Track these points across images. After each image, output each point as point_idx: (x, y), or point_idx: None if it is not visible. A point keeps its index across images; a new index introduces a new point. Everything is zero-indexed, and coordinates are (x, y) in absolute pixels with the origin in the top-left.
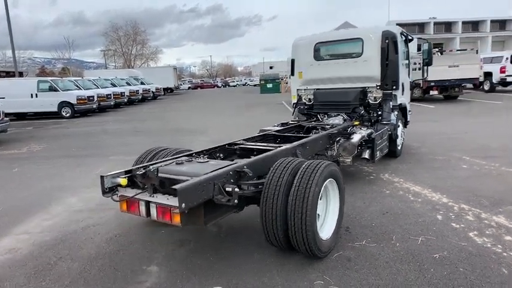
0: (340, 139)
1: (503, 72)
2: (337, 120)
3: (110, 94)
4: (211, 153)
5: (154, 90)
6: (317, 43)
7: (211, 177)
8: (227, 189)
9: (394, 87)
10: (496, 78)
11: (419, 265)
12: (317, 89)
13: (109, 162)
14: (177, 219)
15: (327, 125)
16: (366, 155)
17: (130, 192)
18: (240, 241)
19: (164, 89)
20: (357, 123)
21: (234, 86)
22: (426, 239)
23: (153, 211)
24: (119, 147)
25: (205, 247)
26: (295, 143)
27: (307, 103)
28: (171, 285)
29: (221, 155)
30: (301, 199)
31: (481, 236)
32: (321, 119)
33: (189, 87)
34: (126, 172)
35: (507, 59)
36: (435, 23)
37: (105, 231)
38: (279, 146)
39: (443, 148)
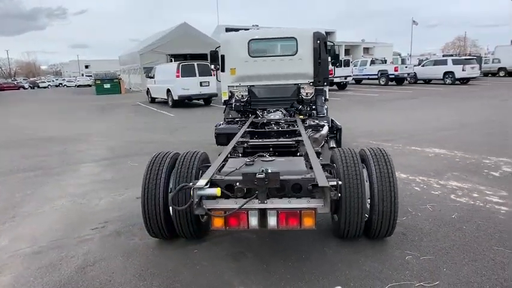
0: (307, 131)
1: (331, 74)
2: (278, 115)
3: None
4: (230, 153)
5: None
6: (251, 39)
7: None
8: (331, 183)
9: (325, 83)
10: None
11: (453, 225)
12: (252, 86)
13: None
14: (310, 223)
15: (280, 120)
16: (333, 144)
17: (224, 204)
18: (291, 242)
19: None
20: (301, 117)
21: (45, 88)
22: (432, 206)
23: (273, 219)
24: None
25: (267, 255)
26: (306, 136)
27: (242, 100)
28: None
29: (239, 154)
30: (387, 185)
31: (460, 197)
32: (261, 115)
33: None
34: (207, 182)
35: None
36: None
37: (118, 268)
38: (296, 140)
39: (347, 136)
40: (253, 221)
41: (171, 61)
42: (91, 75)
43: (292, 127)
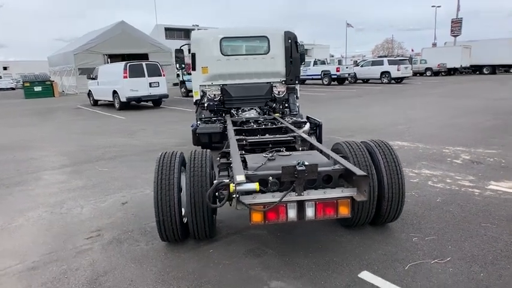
0: None
1: None
2: (253, 114)
3: None
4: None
5: None
6: (224, 38)
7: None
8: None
9: (297, 81)
10: None
11: (441, 208)
12: (225, 85)
13: None
14: (345, 211)
15: (259, 118)
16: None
17: (261, 198)
18: (302, 235)
19: None
20: (277, 115)
21: None
22: (416, 193)
23: (310, 210)
24: None
25: (285, 249)
26: (302, 132)
27: (215, 99)
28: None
29: (242, 151)
30: (395, 174)
31: (436, 183)
32: (236, 114)
33: None
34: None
35: None
36: (199, 30)
37: (135, 276)
38: (294, 136)
39: None
40: (291, 214)
41: (108, 62)
42: (13, 78)
43: (274, 125)
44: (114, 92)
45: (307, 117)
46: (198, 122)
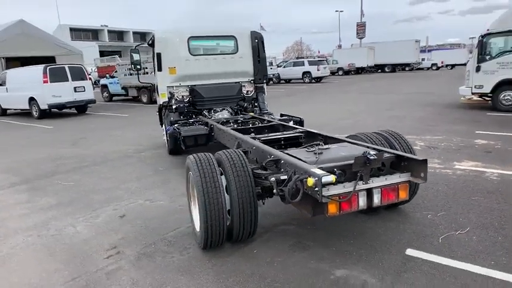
0: None
1: None
2: (225, 114)
3: None
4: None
5: None
6: (191, 37)
7: None
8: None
9: (265, 81)
10: None
11: (431, 188)
12: (194, 85)
13: None
14: (404, 195)
15: (239, 118)
16: None
17: (335, 189)
18: (330, 226)
19: None
20: (252, 114)
21: None
22: None
23: (377, 197)
24: None
25: (325, 240)
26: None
27: (184, 101)
28: (374, 265)
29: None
30: None
31: None
32: (208, 115)
33: None
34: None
35: None
36: (108, 31)
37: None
38: (301, 132)
39: None
40: (362, 202)
41: (3, 66)
42: None
43: (260, 123)
44: (31, 99)
45: (281, 115)
46: (176, 125)
